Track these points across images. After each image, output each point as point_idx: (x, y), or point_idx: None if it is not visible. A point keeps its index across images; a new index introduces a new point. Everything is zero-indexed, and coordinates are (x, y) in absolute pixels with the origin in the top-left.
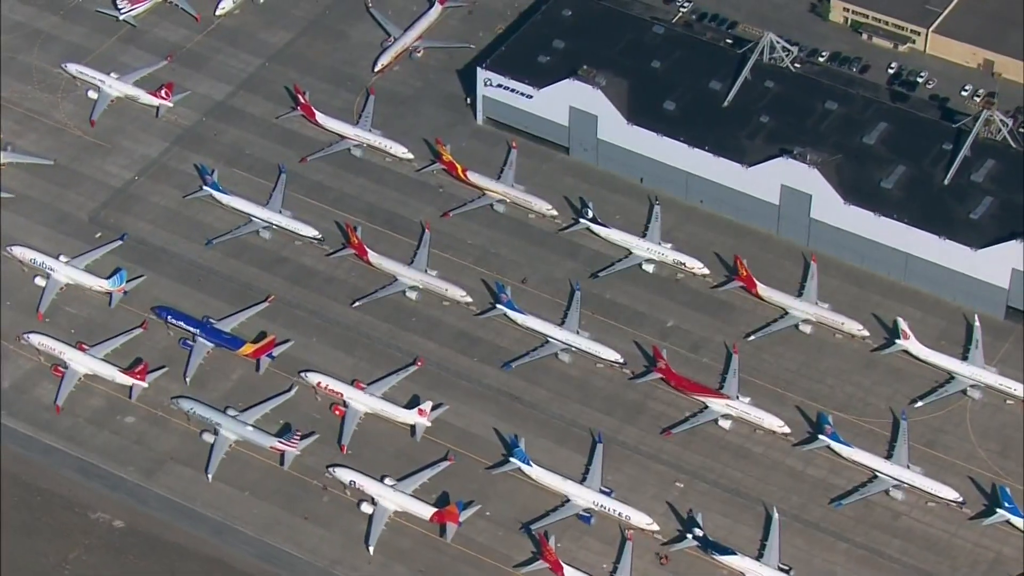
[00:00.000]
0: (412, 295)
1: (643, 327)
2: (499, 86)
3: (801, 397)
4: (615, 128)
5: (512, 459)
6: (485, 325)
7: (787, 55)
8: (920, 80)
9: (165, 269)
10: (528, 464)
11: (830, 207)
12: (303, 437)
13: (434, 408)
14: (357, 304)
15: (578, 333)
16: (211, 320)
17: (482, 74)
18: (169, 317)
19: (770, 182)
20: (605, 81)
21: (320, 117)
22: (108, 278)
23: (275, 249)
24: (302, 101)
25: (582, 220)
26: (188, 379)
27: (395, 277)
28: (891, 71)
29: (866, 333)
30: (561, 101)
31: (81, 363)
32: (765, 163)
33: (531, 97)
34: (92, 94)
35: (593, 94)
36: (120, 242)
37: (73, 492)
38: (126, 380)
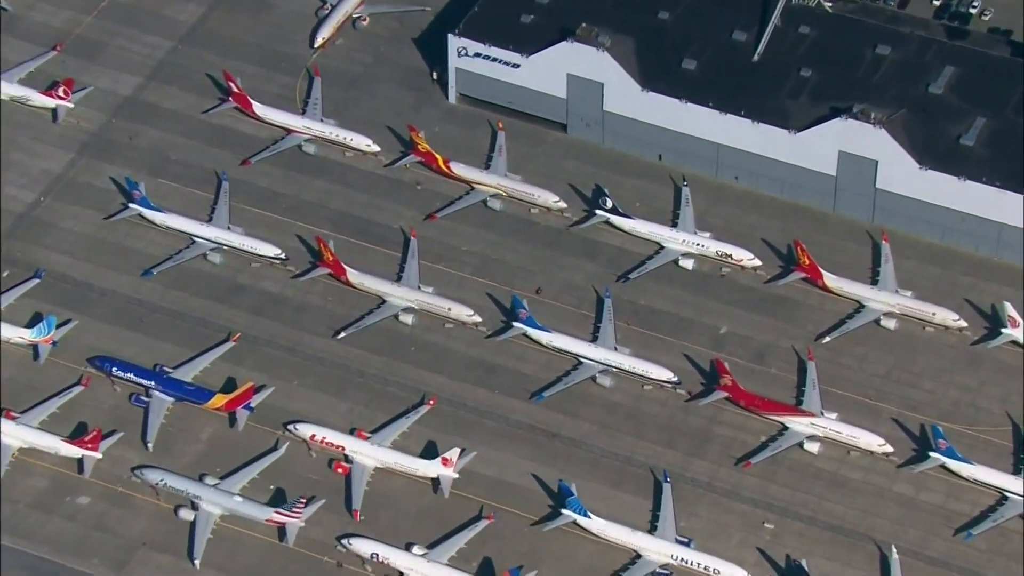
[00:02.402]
0: (407, 319)
1: (692, 336)
2: (476, 55)
3: (897, 407)
4: (626, 96)
5: (565, 511)
6: (502, 349)
7: None
8: (973, 11)
9: (96, 310)
10: (586, 515)
11: (901, 174)
12: (307, 504)
13: (459, 456)
14: (342, 335)
15: (616, 350)
16: (166, 369)
17: (454, 42)
18: (114, 369)
19: (825, 149)
20: (610, 41)
21: (258, 108)
22: (31, 327)
23: (229, 275)
24: (234, 90)
25: (599, 212)
26: (150, 444)
27: (383, 299)
28: (936, 2)
29: (963, 323)
30: (556, 69)
31: (13, 435)
32: (817, 126)
33: (518, 66)
34: None
35: (597, 57)
36: (36, 280)
37: None
38: (74, 451)
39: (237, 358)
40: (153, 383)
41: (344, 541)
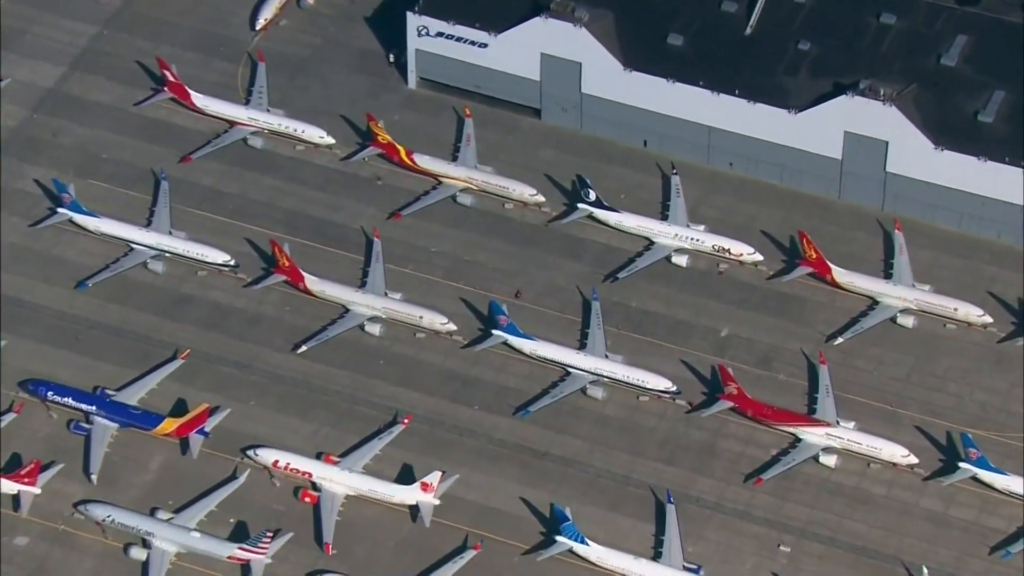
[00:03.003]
0: (374, 329)
1: (691, 340)
2: (439, 35)
3: (919, 414)
4: (607, 77)
5: (560, 537)
6: (480, 360)
7: None
8: None
9: (26, 328)
10: (583, 542)
11: (915, 155)
12: (273, 537)
13: (440, 480)
14: (302, 349)
15: (607, 357)
16: (107, 392)
17: (414, 20)
18: (49, 393)
19: (828, 130)
20: (587, 16)
21: (197, 98)
22: None
23: (174, 285)
24: (169, 79)
25: (581, 205)
26: (94, 476)
27: (346, 307)
28: None
29: (989, 319)
30: (529, 48)
31: None
32: (820, 105)
33: (486, 46)
34: None
35: (574, 34)
36: None
37: None
38: (9, 487)
39: (187, 377)
40: (94, 408)
41: None
